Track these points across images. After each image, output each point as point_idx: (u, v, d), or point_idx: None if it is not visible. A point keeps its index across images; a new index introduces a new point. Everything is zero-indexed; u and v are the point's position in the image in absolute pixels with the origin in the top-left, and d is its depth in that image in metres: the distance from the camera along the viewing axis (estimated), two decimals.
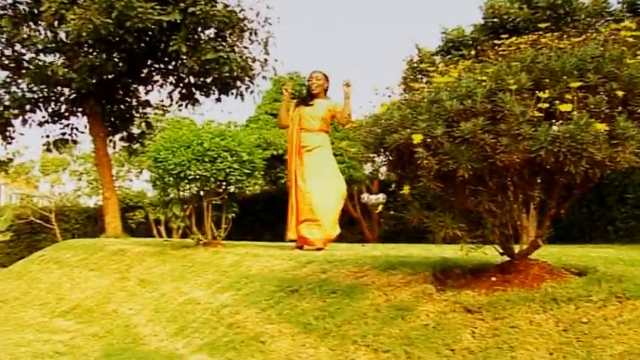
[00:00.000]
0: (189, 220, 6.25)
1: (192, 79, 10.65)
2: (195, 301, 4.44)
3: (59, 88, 10.49)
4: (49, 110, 10.95)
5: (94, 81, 9.45)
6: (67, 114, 11.16)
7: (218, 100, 10.70)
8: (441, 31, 11.92)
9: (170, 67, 10.55)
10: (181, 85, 10.92)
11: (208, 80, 10.35)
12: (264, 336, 3.38)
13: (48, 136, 11.36)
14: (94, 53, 9.65)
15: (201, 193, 6.15)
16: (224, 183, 6.12)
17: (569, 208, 3.15)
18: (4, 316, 5.64)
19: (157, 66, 10.69)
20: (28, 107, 10.56)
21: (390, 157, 3.08)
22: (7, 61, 10.32)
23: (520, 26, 10.21)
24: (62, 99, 10.82)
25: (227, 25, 9.52)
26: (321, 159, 5.80)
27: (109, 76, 9.97)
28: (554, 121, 2.67)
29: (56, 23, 9.15)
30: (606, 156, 2.55)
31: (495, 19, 10.92)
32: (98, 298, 5.43)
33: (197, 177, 5.80)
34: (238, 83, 10.30)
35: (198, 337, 3.76)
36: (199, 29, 9.51)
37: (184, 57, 9.37)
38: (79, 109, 10.98)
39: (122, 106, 11.34)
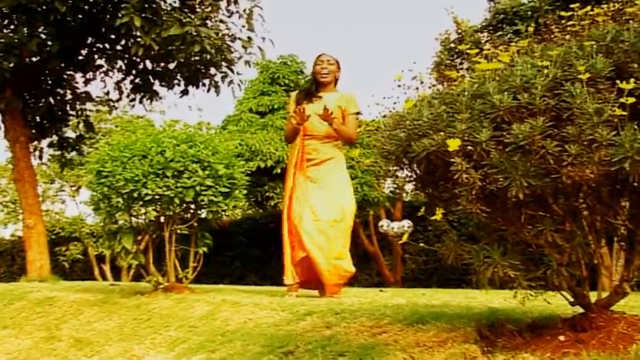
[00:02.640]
0: (145, 256, 6.26)
1: (148, 64, 10.71)
2: None
3: None
4: None
5: (10, 65, 9.40)
6: None
7: (184, 92, 10.76)
8: None
9: (118, 47, 10.60)
10: (134, 71, 10.96)
11: (171, 66, 10.40)
12: None
13: None
14: (11, 27, 9.67)
15: (162, 219, 6.16)
16: (193, 205, 6.13)
17: None
18: None
19: (99, 45, 10.74)
20: None
21: (418, 171, 3.09)
22: None
23: None
24: None
25: None
26: (332, 175, 5.80)
27: (33, 59, 9.99)
28: None
29: None
30: None
31: None
32: None
33: (156, 197, 5.82)
34: (212, 70, 10.35)
35: None
36: None
37: (138, 33, 9.41)
38: None
39: (52, 101, 11.35)
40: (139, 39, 9.53)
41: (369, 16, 52.20)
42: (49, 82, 11.15)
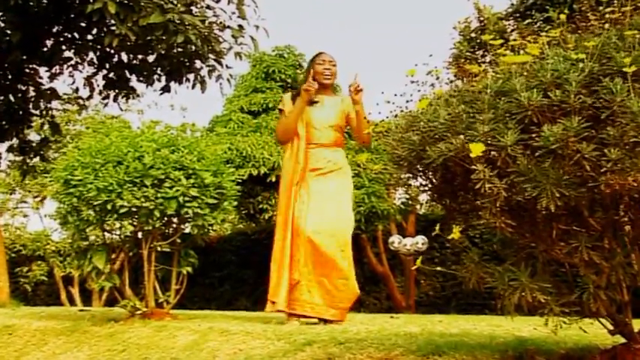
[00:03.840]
0: (120, 277, 6.26)
1: (124, 57, 10.73)
2: None
3: None
4: None
5: None
6: None
7: (166, 89, 10.77)
8: None
9: (90, 37, 10.62)
10: (108, 65, 10.98)
11: (151, 58, 10.43)
12: None
13: None
14: None
15: (140, 234, 6.17)
16: (175, 219, 6.13)
17: None
18: None
19: (68, 35, 10.76)
20: None
21: (434, 179, 3.10)
22: None
23: None
24: None
25: None
26: (338, 188, 5.87)
27: None
28: None
29: None
30: None
31: None
32: None
33: (133, 210, 5.82)
34: (198, 63, 10.37)
35: None
36: None
37: (112, 21, 9.43)
38: None
39: (12, 98, 11.37)
40: (113, 28, 9.55)
41: (379, 6, 52.58)
42: (9, 77, 11.16)
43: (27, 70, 11.30)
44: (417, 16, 51.20)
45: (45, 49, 10.81)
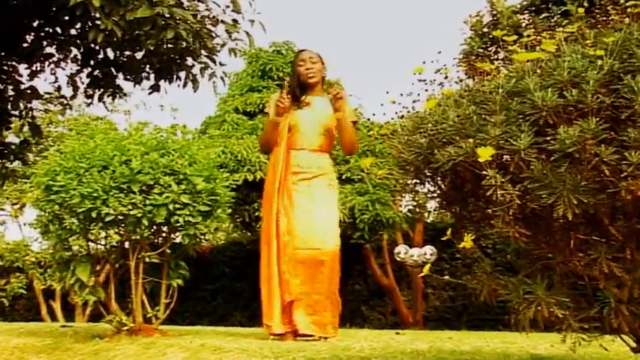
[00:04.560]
0: (106, 290, 6.26)
1: (110, 53, 10.72)
2: None
3: None
4: None
5: None
6: None
7: (155, 88, 10.75)
8: None
9: (73, 31, 10.63)
10: (92, 62, 10.97)
11: (138, 55, 10.41)
12: None
13: None
14: None
15: (127, 244, 6.17)
16: (165, 228, 6.14)
17: None
18: None
19: (49, 30, 10.76)
20: None
21: (443, 185, 3.11)
22: None
23: None
24: None
25: None
26: (324, 195, 5.89)
27: None
28: None
29: None
30: None
31: None
32: None
33: (119, 218, 5.84)
34: (189, 60, 10.35)
35: None
36: None
37: (97, 15, 9.43)
38: None
39: None
40: (98, 22, 9.53)
41: (384, 4, 52.70)
42: None
43: (5, 68, 11.27)
44: (425, 13, 51.28)
45: (25, 44, 10.82)
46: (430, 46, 46.66)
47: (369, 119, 14.51)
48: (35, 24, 10.56)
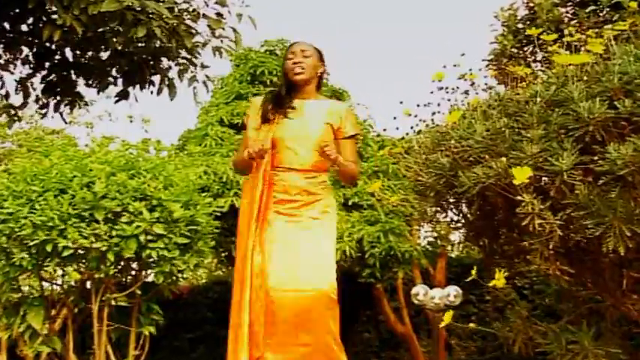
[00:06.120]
0: (63, 340, 6.24)
1: (69, 54, 10.76)
2: None
3: None
4: None
5: None
6: None
7: (123, 95, 10.76)
8: None
9: (24, 27, 10.67)
10: (48, 64, 11.02)
11: (103, 57, 10.46)
12: None
13: None
14: None
15: (89, 284, 6.15)
16: (135, 264, 6.13)
17: None
18: None
19: None
20: None
21: (469, 214, 3.09)
22: None
23: None
24: None
25: None
26: (314, 223, 5.57)
27: None
28: None
29: None
30: None
31: None
32: None
33: (80, 252, 5.82)
34: (164, 62, 10.38)
35: None
36: None
37: (54, 8, 9.46)
38: None
39: None
40: (54, 16, 9.58)
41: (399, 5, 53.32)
42: None
43: None
44: (446, 10, 51.88)
45: None
46: (452, 48, 47.05)
47: (379, 134, 14.48)
48: None
